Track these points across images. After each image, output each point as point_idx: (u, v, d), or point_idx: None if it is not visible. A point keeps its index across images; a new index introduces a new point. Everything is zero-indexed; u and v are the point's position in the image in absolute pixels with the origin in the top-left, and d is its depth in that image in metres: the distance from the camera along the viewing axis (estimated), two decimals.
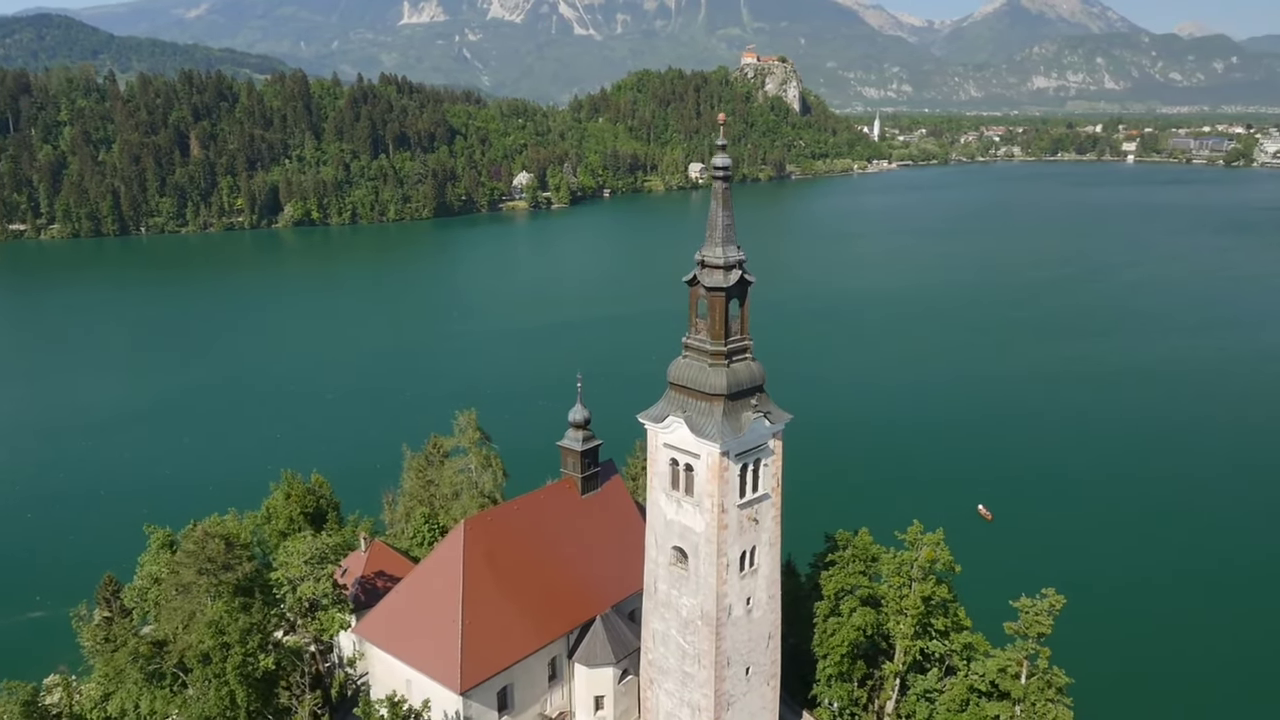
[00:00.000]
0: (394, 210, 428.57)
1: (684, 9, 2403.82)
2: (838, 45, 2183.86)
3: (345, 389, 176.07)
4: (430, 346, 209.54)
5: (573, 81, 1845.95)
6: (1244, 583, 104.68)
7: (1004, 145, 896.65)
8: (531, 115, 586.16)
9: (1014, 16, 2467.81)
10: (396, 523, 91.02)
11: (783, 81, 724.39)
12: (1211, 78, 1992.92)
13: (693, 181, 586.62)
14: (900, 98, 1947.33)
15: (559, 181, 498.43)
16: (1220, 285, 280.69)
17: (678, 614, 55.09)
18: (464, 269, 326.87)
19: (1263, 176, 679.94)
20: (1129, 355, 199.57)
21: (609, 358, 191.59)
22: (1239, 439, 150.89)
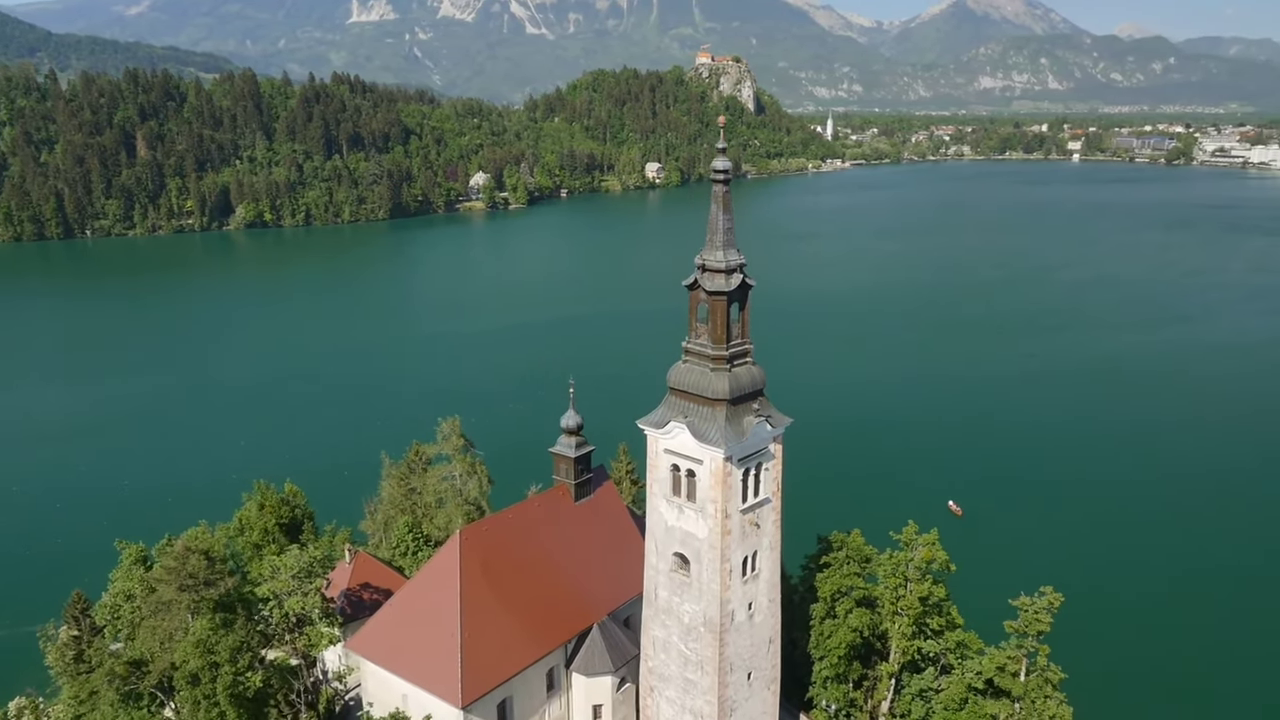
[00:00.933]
0: (349, 211, 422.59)
1: (636, 8, 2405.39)
2: (789, 45, 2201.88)
3: (312, 396, 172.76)
4: (396, 350, 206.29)
5: (525, 81, 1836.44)
6: (1213, 571, 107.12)
7: (954, 144, 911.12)
8: (487, 115, 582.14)
9: (960, 17, 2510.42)
10: (375, 532, 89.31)
11: (737, 81, 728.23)
12: (1150, 78, 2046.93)
13: (649, 181, 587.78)
14: (851, 97, 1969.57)
15: (516, 182, 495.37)
16: (1167, 281, 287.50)
17: (679, 621, 54.62)
18: (425, 270, 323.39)
19: (1202, 174, 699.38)
20: (1084, 351, 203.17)
21: (580, 359, 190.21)
22: (1198, 430, 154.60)
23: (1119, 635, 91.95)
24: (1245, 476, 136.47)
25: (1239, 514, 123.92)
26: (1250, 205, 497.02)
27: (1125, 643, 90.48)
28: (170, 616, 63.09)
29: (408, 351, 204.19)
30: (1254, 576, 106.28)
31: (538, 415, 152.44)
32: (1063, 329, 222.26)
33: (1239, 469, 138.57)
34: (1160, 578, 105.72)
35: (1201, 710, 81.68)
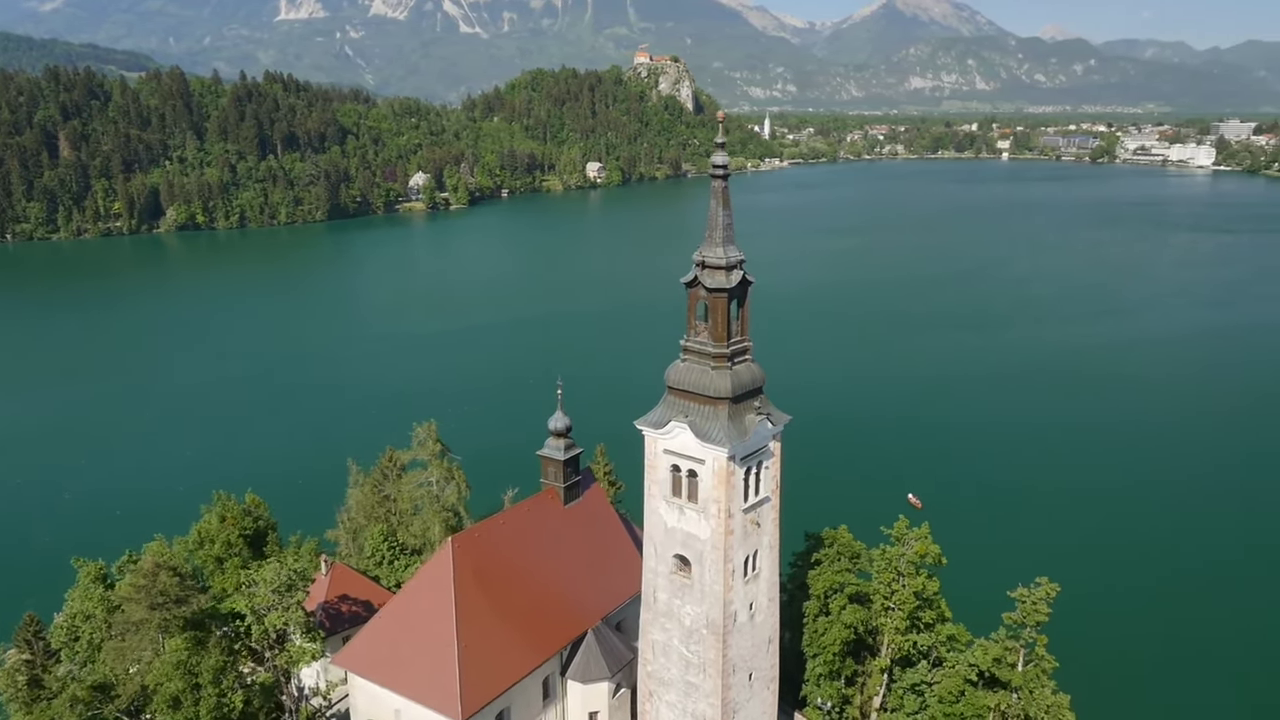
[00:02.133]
0: (285, 213, 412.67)
1: (570, 8, 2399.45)
2: (723, 45, 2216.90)
3: (266, 402, 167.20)
4: (348, 354, 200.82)
5: (460, 80, 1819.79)
6: (1180, 555, 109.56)
7: (888, 144, 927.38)
8: (425, 115, 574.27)
9: (890, 19, 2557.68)
10: (344, 541, 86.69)
11: (676, 81, 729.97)
12: (1073, 79, 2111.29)
13: (591, 181, 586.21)
14: (785, 97, 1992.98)
15: (456, 182, 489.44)
16: (1102, 276, 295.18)
17: (680, 623, 53.78)
18: (373, 272, 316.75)
19: (1125, 172, 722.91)
20: (1031, 345, 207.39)
21: (542, 360, 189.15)
22: (1152, 419, 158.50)
23: (1094, 623, 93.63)
24: (1200, 462, 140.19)
25: (1201, 498, 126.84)
26: (1172, 202, 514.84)
27: (1102, 630, 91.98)
28: (140, 637, 60.16)
29: (360, 355, 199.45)
30: (1222, 559, 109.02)
31: (505, 417, 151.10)
32: (1008, 324, 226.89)
33: (1194, 455, 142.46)
34: (1130, 563, 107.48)
35: (1184, 694, 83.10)
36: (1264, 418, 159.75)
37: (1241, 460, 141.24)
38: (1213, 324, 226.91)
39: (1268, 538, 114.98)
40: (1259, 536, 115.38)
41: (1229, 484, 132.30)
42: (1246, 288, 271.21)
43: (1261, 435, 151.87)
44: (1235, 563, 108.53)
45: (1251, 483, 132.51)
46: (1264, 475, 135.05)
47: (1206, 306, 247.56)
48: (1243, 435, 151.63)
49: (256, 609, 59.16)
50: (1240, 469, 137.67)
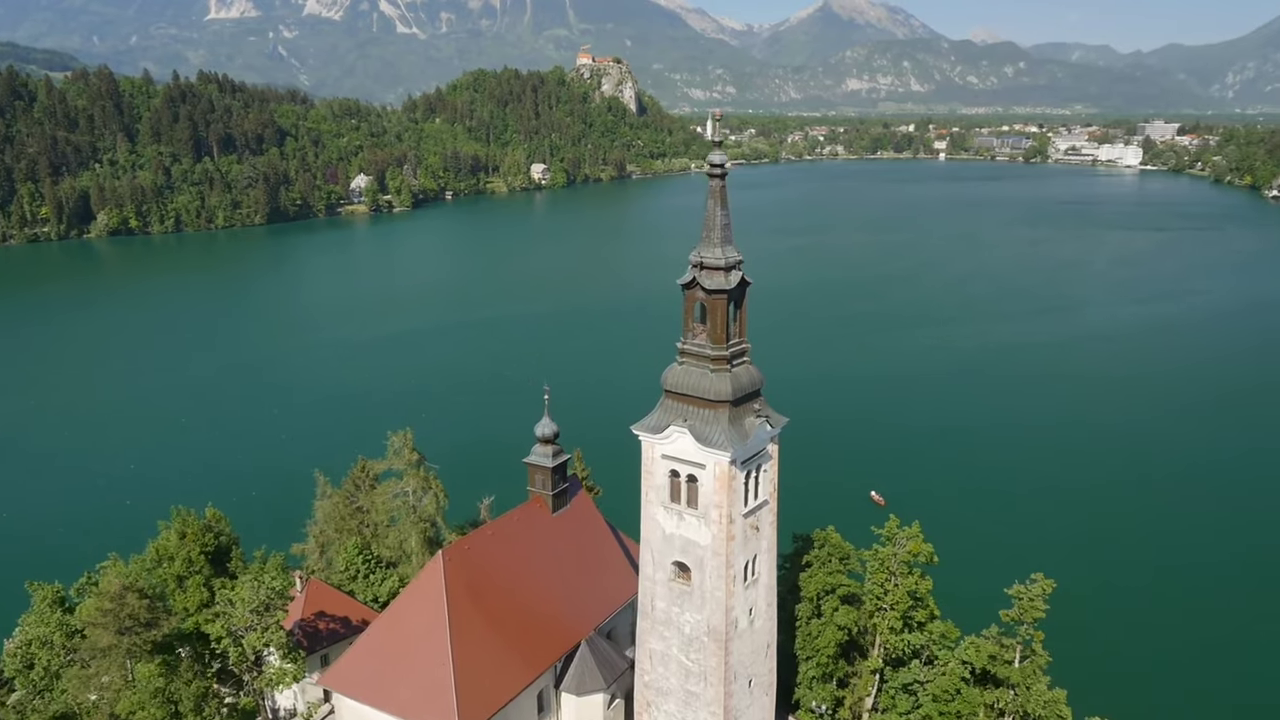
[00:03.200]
0: (223, 217, 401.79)
1: (509, 9, 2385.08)
2: (663, 47, 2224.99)
3: (219, 413, 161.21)
4: (299, 361, 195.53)
5: (398, 81, 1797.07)
6: (1143, 548, 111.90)
7: (829, 144, 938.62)
8: (365, 116, 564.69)
9: (827, 22, 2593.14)
10: (312, 555, 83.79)
11: (618, 82, 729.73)
12: (1003, 81, 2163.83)
13: (536, 183, 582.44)
14: (725, 99, 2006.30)
15: (399, 184, 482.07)
16: (1043, 274, 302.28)
17: (680, 632, 52.74)
18: (318, 276, 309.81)
19: (1057, 171, 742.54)
20: (977, 342, 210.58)
21: (501, 362, 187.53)
22: (1098, 414, 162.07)
23: (1076, 616, 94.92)
24: (1163, 452, 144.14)
25: (1168, 488, 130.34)
26: (1104, 201, 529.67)
27: (1085, 623, 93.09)
28: (108, 664, 57.23)
29: (314, 362, 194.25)
30: (1193, 547, 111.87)
31: (471, 422, 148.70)
32: (956, 321, 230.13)
33: (1157, 447, 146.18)
34: (1106, 555, 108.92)
35: (1173, 686, 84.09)
36: (1218, 408, 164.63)
37: (1207, 449, 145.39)
38: (1154, 318, 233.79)
39: (1234, 524, 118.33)
40: (1227, 524, 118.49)
41: (1195, 473, 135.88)
42: (1182, 283, 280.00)
43: (1219, 424, 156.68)
44: (1206, 550, 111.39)
45: (1218, 471, 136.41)
46: (1226, 462, 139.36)
47: (1146, 301, 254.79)
48: (1203, 425, 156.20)
49: (234, 630, 56.70)
50: (1206, 458, 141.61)
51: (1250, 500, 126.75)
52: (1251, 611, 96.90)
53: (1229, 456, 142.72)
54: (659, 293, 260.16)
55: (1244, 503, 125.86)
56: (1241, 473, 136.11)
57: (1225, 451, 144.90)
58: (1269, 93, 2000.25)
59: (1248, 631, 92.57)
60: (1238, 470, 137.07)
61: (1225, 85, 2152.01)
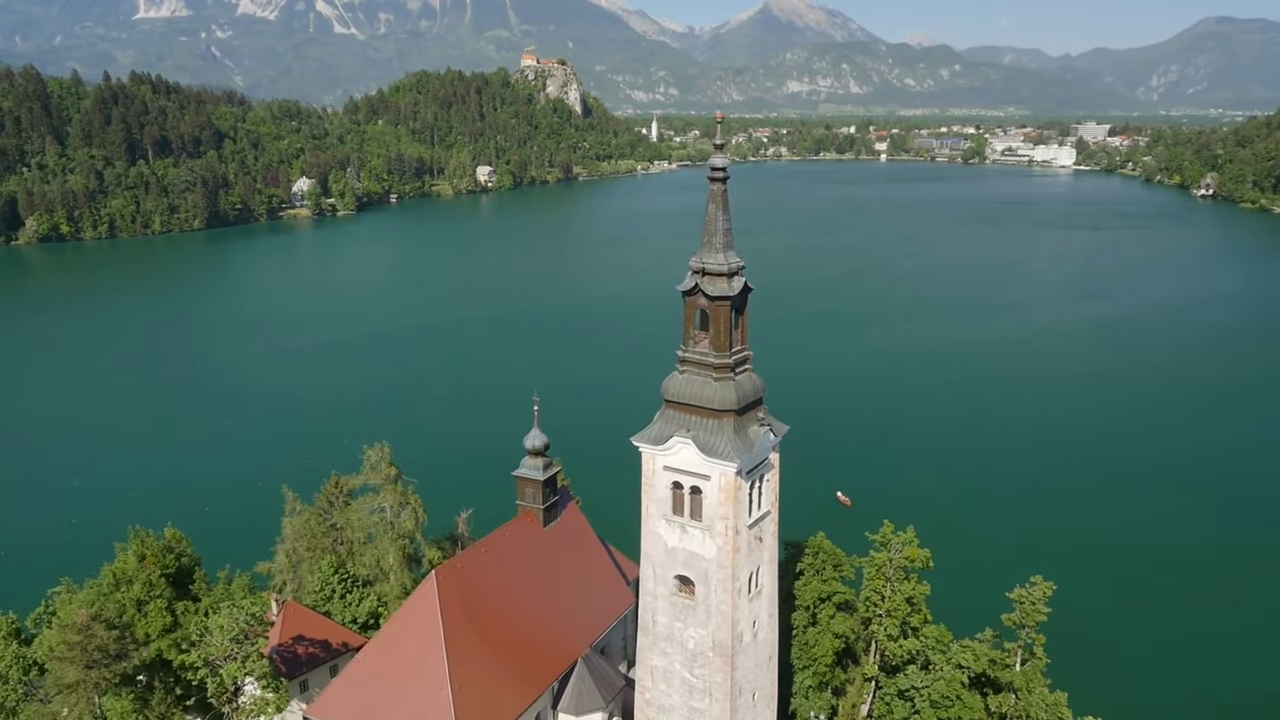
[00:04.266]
0: (159, 221, 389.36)
1: (449, 9, 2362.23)
2: (605, 49, 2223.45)
3: (167, 427, 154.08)
4: (251, 371, 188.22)
5: (336, 82, 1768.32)
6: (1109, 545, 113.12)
7: (772, 146, 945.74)
8: (306, 118, 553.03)
9: (767, 24, 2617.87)
10: (280, 574, 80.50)
11: (563, 84, 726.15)
12: (939, 83, 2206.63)
13: (482, 185, 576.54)
14: (668, 100, 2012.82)
15: (343, 187, 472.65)
16: (987, 272, 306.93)
17: (683, 647, 51.45)
18: (264, 282, 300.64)
19: (995, 172, 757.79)
20: (927, 341, 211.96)
21: (462, 369, 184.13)
22: (1058, 409, 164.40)
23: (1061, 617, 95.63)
24: (1123, 448, 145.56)
25: (1137, 483, 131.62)
26: (1042, 201, 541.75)
27: (1073, 623, 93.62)
28: (75, 699, 53.93)
29: (266, 371, 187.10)
30: (1160, 542, 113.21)
31: (438, 434, 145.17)
32: (908, 321, 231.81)
33: (1113, 443, 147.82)
34: (1080, 553, 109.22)
35: (1165, 684, 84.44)
36: (1179, 401, 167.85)
37: (1172, 441, 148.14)
38: (1102, 314, 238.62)
39: (1209, 515, 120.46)
40: (1202, 516, 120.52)
41: (1166, 467, 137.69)
42: (1122, 279, 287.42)
43: (1183, 416, 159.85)
44: (1181, 543, 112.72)
45: (1190, 463, 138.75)
46: (1196, 455, 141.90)
47: (1091, 298, 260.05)
48: (1165, 418, 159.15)
49: (211, 660, 53.85)
50: (1173, 451, 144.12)
51: (1225, 490, 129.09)
52: (1238, 603, 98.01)
53: (1197, 449, 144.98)
54: (623, 295, 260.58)
55: (1219, 493, 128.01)
56: (1213, 464, 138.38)
57: (1193, 444, 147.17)
58: (1191, 95, 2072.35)
59: (1238, 626, 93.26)
60: (1209, 462, 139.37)
61: (1150, 88, 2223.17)
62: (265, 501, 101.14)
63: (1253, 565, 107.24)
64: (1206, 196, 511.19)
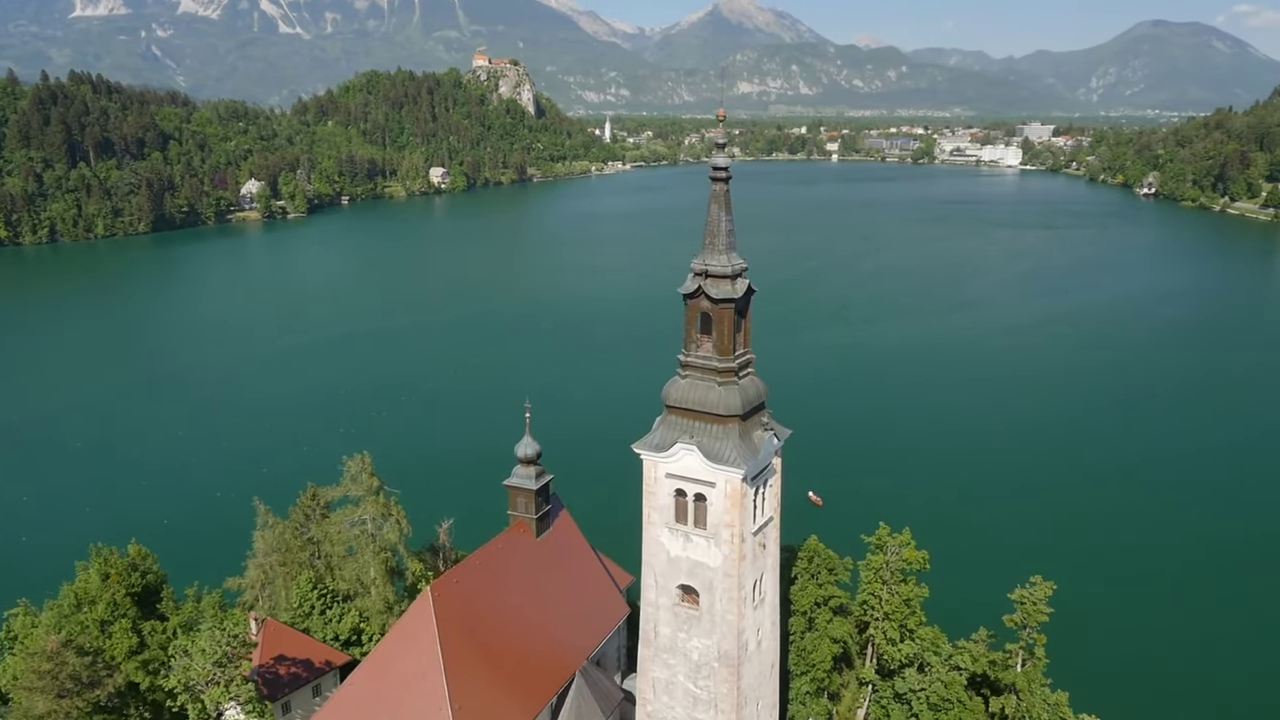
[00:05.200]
0: (103, 225, 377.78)
1: (397, 9, 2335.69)
2: (556, 50, 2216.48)
3: (123, 439, 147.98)
4: (208, 378, 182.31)
5: (282, 83, 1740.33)
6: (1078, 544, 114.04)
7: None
8: (253, 118, 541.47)
9: (717, 26, 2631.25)
10: (251, 590, 77.62)
11: (516, 84, 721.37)
12: (887, 84, 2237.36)
13: (435, 186, 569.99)
14: (619, 101, 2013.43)
15: (293, 189, 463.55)
16: (943, 271, 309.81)
17: (686, 658, 50.31)
18: (215, 286, 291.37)
19: (944, 172, 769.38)
20: (893, 339, 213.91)
21: (425, 373, 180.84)
22: (1027, 405, 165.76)
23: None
24: (1094, 444, 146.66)
25: (1110, 478, 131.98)
26: (992, 200, 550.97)
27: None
28: None
29: (229, 379, 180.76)
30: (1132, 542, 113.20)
31: (411, 440, 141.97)
32: (869, 320, 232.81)
33: (1070, 438, 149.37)
34: (1051, 551, 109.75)
35: (1152, 684, 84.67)
36: (1143, 397, 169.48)
37: (1142, 436, 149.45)
38: (1060, 310, 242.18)
39: (1186, 509, 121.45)
40: (1180, 510, 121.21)
41: (1138, 461, 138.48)
42: (1079, 276, 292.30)
43: (1149, 410, 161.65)
44: (1154, 537, 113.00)
45: (1158, 458, 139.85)
46: (1176, 449, 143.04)
47: (1046, 295, 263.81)
48: (1132, 412, 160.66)
49: (192, 685, 51.39)
50: (1145, 445, 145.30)
51: (1209, 482, 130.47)
52: (1224, 597, 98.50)
53: (1177, 442, 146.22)
54: (588, 297, 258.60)
55: (1202, 486, 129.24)
56: (1196, 458, 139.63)
57: (1173, 438, 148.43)
58: (1129, 96, 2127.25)
59: (1229, 622, 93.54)
60: (1188, 456, 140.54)
61: (1090, 89, 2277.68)
62: (234, 515, 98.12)
63: (1241, 557, 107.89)
64: (1149, 195, 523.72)
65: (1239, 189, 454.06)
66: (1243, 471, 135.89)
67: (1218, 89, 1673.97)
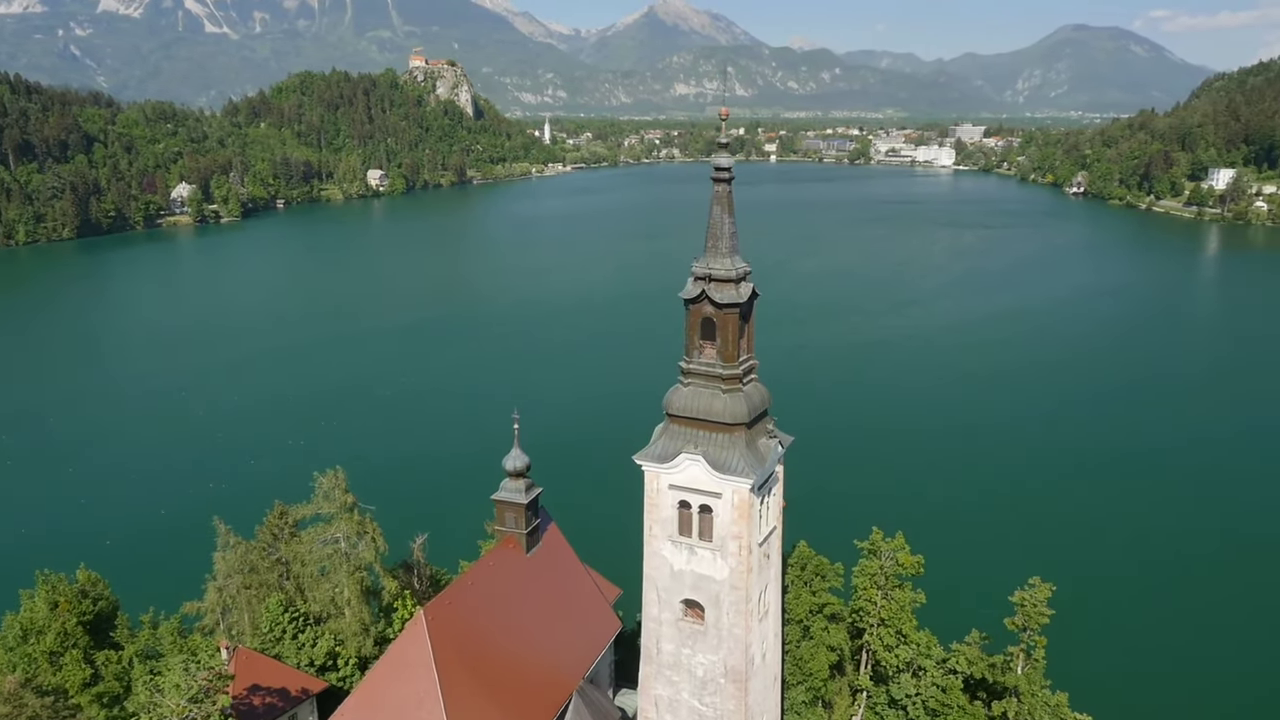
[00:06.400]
0: (24, 231, 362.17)
1: (328, 9, 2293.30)
2: (492, 51, 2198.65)
3: (56, 457, 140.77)
4: (142, 392, 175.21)
5: (209, 84, 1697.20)
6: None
7: (665, 147, 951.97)
8: (182, 120, 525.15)
9: (653, 28, 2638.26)
10: (209, 613, 73.73)
11: (454, 85, 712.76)
12: (821, 86, 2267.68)
13: (373, 189, 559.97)
14: (556, 103, 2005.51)
15: (226, 193, 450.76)
16: (887, 270, 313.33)
17: (691, 674, 48.72)
18: (148, 294, 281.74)
19: (880, 172, 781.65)
20: (846, 339, 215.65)
21: (370, 382, 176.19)
22: (983, 403, 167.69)
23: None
24: (1043, 441, 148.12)
25: (1081, 473, 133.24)
26: (928, 200, 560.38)
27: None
28: None
29: (166, 392, 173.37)
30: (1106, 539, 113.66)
31: (360, 455, 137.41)
32: (817, 319, 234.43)
33: (1031, 435, 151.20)
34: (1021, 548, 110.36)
35: (1144, 682, 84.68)
36: (1098, 394, 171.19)
37: (1099, 431, 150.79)
38: (1008, 307, 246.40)
39: (1161, 504, 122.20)
40: (1153, 505, 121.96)
41: (1119, 457, 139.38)
42: (1018, 274, 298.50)
43: (1104, 407, 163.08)
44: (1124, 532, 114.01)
45: (1119, 453, 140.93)
46: (1145, 446, 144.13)
47: (995, 292, 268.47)
48: (1086, 409, 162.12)
49: None
50: (1106, 440, 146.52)
51: (1185, 475, 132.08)
52: (1212, 588, 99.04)
53: (1141, 438, 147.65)
54: (534, 300, 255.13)
55: (1179, 479, 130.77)
56: (1169, 453, 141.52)
57: (1136, 433, 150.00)
58: (1053, 98, 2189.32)
59: (1214, 613, 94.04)
60: (1160, 450, 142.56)
61: (1016, 91, 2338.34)
62: (190, 536, 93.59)
63: (1228, 549, 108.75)
64: (1078, 194, 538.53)
65: (1163, 188, 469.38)
66: (1223, 465, 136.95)
67: (1136, 91, 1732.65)
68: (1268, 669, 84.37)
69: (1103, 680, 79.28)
